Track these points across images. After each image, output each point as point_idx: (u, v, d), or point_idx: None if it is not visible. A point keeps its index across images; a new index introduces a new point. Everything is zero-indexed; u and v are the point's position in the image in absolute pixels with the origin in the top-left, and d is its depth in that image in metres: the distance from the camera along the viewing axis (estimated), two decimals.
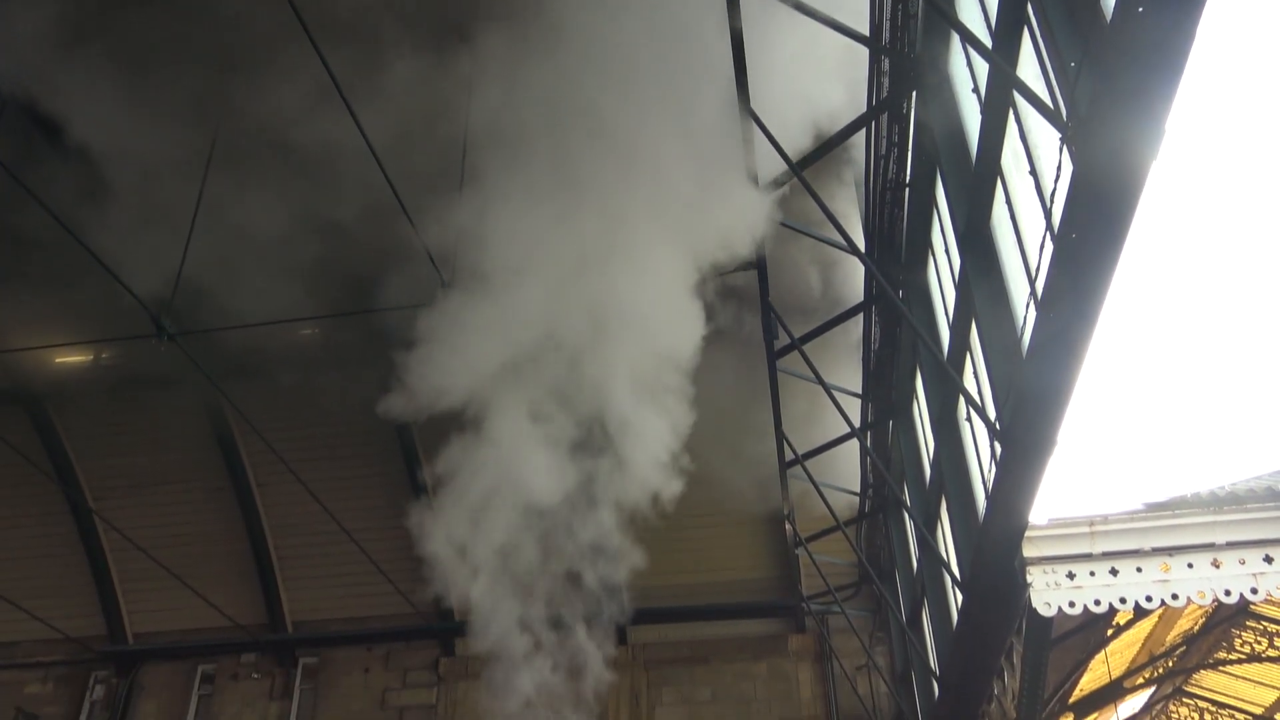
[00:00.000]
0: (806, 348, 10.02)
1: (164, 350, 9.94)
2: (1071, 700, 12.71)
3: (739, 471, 15.03)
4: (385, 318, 12.69)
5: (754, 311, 10.26)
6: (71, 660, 17.09)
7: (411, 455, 15.40)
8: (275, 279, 12.25)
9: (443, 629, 16.16)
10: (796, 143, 8.41)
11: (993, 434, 6.18)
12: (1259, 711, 17.66)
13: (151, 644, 17.05)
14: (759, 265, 9.42)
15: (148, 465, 16.02)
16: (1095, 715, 16.08)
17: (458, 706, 16.06)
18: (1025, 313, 5.70)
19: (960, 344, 7.89)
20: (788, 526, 13.90)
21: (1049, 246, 4.81)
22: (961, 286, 7.29)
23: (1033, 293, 5.30)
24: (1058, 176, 4.62)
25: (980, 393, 7.42)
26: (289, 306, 12.79)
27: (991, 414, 6.48)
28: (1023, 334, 5.94)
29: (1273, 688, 16.66)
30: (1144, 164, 4.09)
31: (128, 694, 16.77)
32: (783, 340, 10.26)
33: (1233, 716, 18.24)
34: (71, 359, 14.92)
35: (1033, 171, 5.38)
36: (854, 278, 11.40)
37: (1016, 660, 8.00)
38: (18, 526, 16.81)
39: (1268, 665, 15.13)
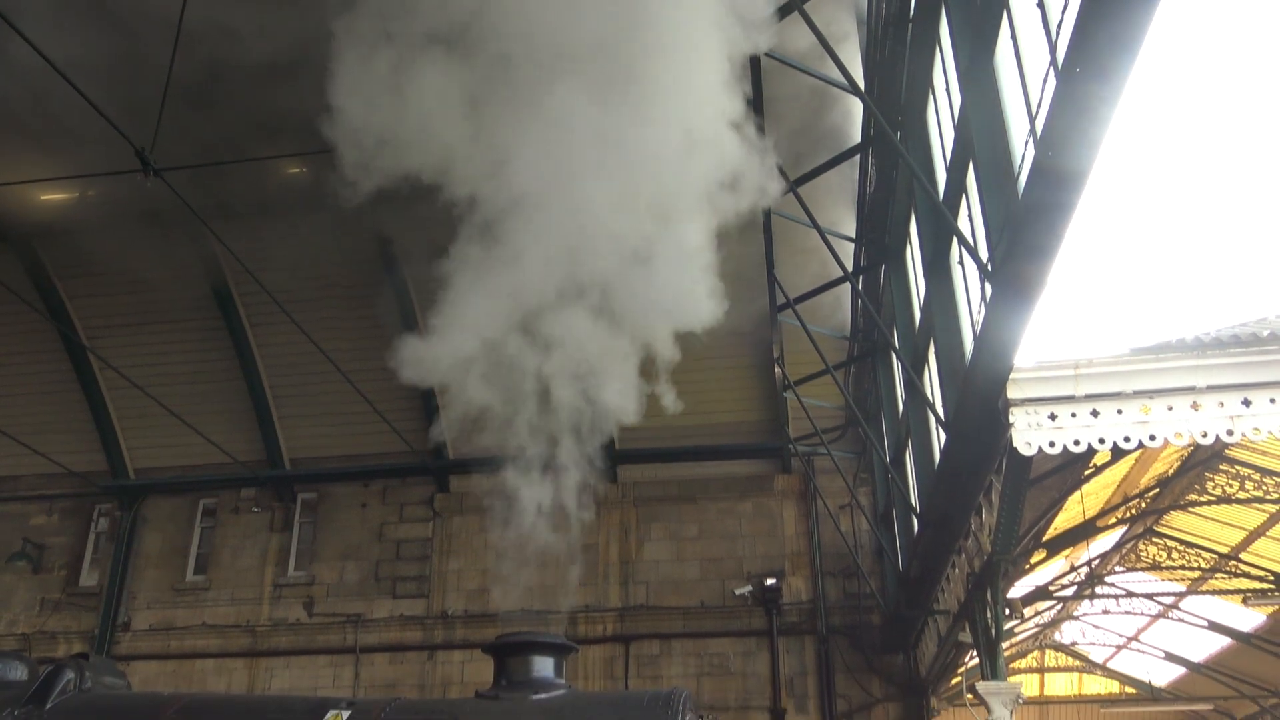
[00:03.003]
0: (801, 190, 9.91)
1: (150, 186, 9.79)
2: (1046, 538, 13.19)
3: (730, 315, 15.12)
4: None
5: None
6: (75, 494, 17.53)
7: (404, 295, 15.41)
8: (262, 115, 12.00)
9: (438, 466, 16.55)
10: None
11: (984, 275, 6.21)
12: (1225, 551, 18.38)
13: (152, 479, 17.46)
14: (754, 101, 9.21)
15: (140, 304, 16.03)
16: (1068, 552, 16.74)
17: (453, 540, 16.61)
18: (1024, 151, 5.64)
19: (956, 186, 7.83)
20: (777, 370, 14.09)
21: (1052, 81, 4.72)
22: (961, 125, 7.18)
23: (1033, 130, 5.24)
24: (1065, 7, 4.50)
25: (974, 235, 7.42)
26: (277, 144, 12.58)
27: (984, 256, 6.49)
28: (1020, 174, 5.90)
29: (1240, 528, 17.29)
30: None
31: (131, 526, 17.28)
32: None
33: (1199, 555, 18.97)
34: (57, 196, 14.70)
35: (1040, 4, 5.22)
36: (852, 119, 11.19)
37: (995, 498, 8.25)
38: (14, 365, 16.96)
39: (1236, 507, 15.67)
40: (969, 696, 9.39)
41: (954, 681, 17.12)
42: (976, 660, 10.15)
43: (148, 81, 9.01)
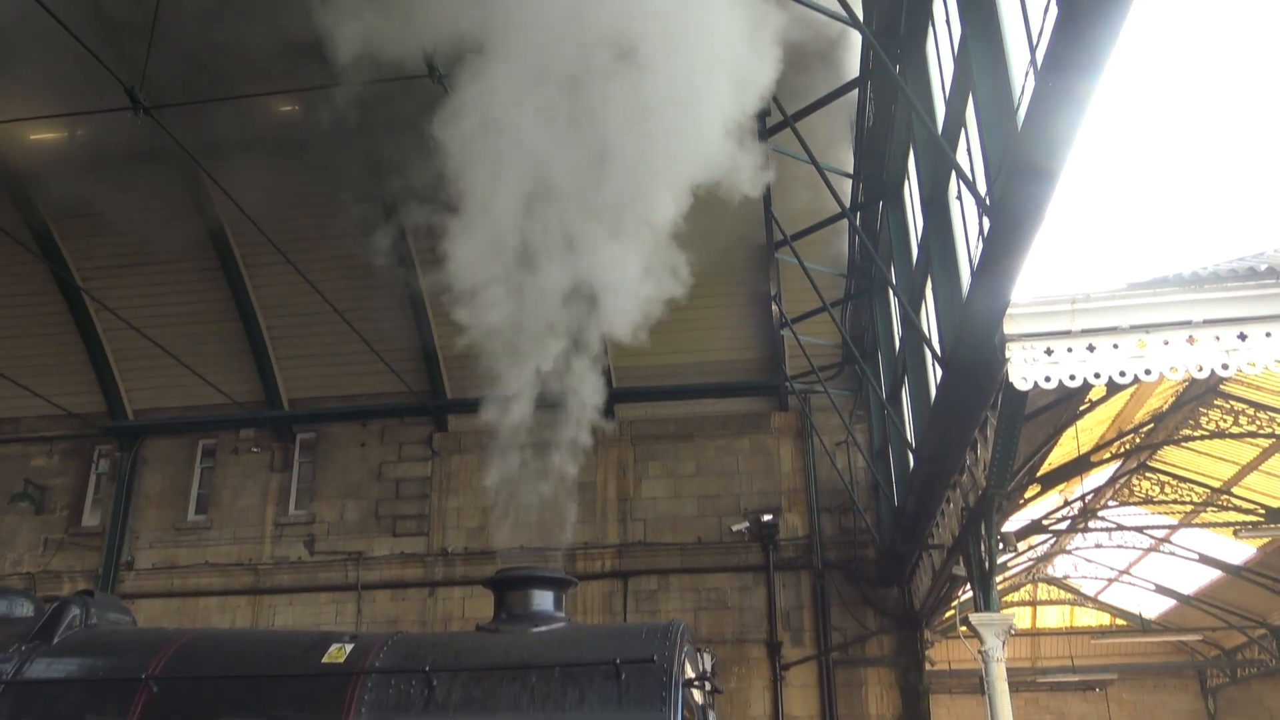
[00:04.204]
0: (799, 124, 9.81)
1: (141, 124, 9.68)
2: (1040, 473, 13.30)
3: (728, 253, 15.08)
4: (368, 93, 12.35)
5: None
6: (75, 435, 17.60)
7: (401, 236, 15.33)
8: (253, 52, 11.83)
9: (436, 406, 16.61)
10: None
11: (982, 208, 6.17)
12: (1217, 485, 18.55)
13: (151, 420, 17.51)
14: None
15: (135, 245, 15.91)
16: (1062, 487, 16.89)
17: (451, 478, 16.73)
18: (1024, 82, 5.58)
19: (955, 119, 7.76)
20: (774, 307, 14.09)
21: (1053, 9, 4.65)
22: (960, 57, 7.09)
23: (1033, 60, 5.17)
24: None
25: (972, 170, 7.37)
26: (269, 81, 12.41)
27: (982, 190, 6.45)
28: (1019, 106, 5.84)
29: (1232, 463, 17.44)
30: None
31: (132, 466, 17.37)
32: (775, 117, 10.05)
33: (1192, 490, 19.16)
34: (48, 135, 14.53)
35: None
36: (850, 53, 11.03)
37: (990, 433, 8.30)
38: (11, 307, 16.90)
39: (1230, 442, 15.78)
40: (962, 629, 9.54)
41: (947, 614, 17.44)
42: (970, 593, 10.30)
43: (137, 20, 8.87)
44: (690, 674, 6.22)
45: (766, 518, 15.52)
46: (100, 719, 6.32)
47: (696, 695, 6.33)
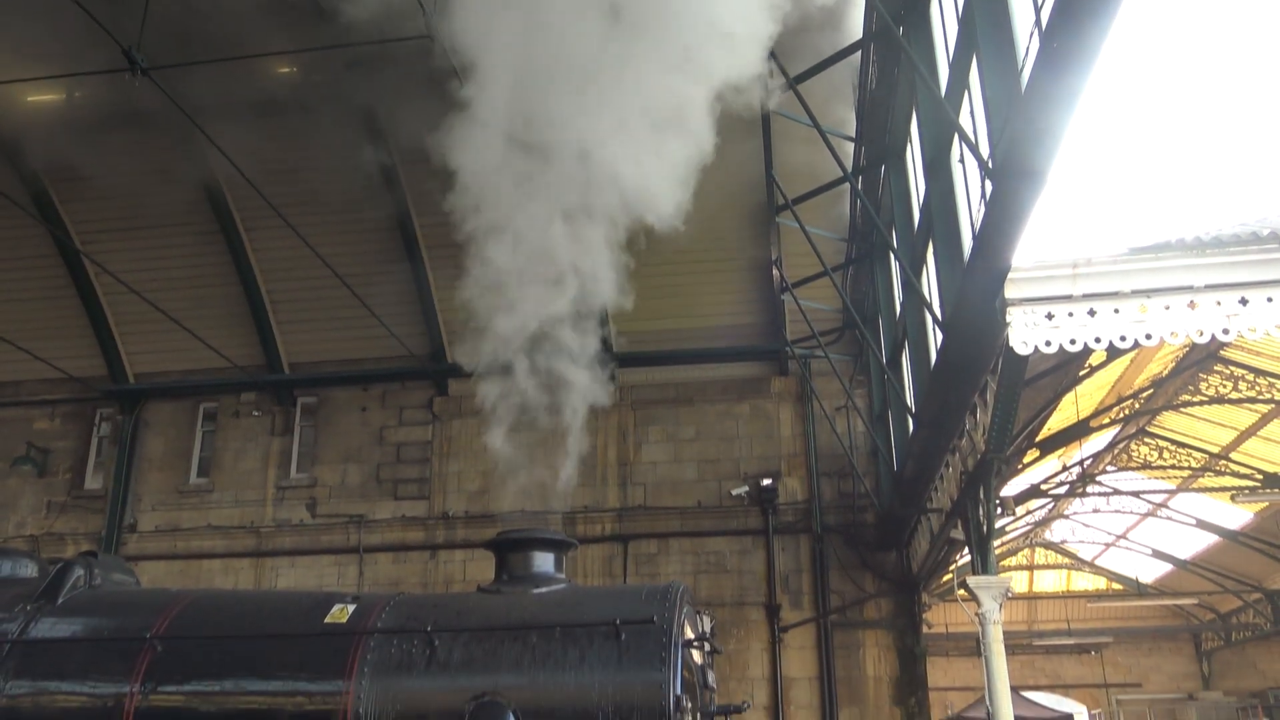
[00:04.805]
0: (801, 88, 9.75)
1: (139, 85, 9.61)
2: (1039, 438, 13.33)
3: (729, 217, 15.03)
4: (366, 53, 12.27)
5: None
6: (76, 398, 17.63)
7: (400, 199, 15.28)
8: (251, 12, 11.72)
9: (436, 370, 16.62)
10: None
11: (985, 171, 6.15)
12: (1215, 451, 18.61)
13: (152, 383, 17.54)
14: None
15: (134, 208, 15.85)
16: (1061, 452, 16.95)
17: (452, 443, 16.78)
18: (1028, 43, 5.53)
19: (959, 82, 7.71)
20: (775, 272, 14.06)
21: None
22: (964, 18, 7.02)
23: (1037, 21, 5.13)
24: None
25: (975, 133, 7.32)
26: (267, 42, 12.30)
27: (985, 152, 6.42)
28: (1023, 67, 5.79)
29: (1231, 428, 17.48)
30: None
31: (133, 430, 17.42)
32: (777, 80, 9.97)
33: (1190, 455, 19.22)
34: (46, 97, 14.43)
35: None
36: (853, 14, 10.94)
37: (990, 398, 8.31)
38: (10, 270, 16.86)
39: (1229, 407, 15.81)
40: (960, 592, 9.60)
41: (945, 578, 17.56)
42: (968, 557, 10.37)
43: None
44: (690, 635, 6.28)
45: (766, 482, 15.58)
46: (105, 678, 6.39)
47: (696, 656, 6.39)
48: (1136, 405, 16.59)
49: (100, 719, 6.27)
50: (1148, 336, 7.10)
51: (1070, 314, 7.10)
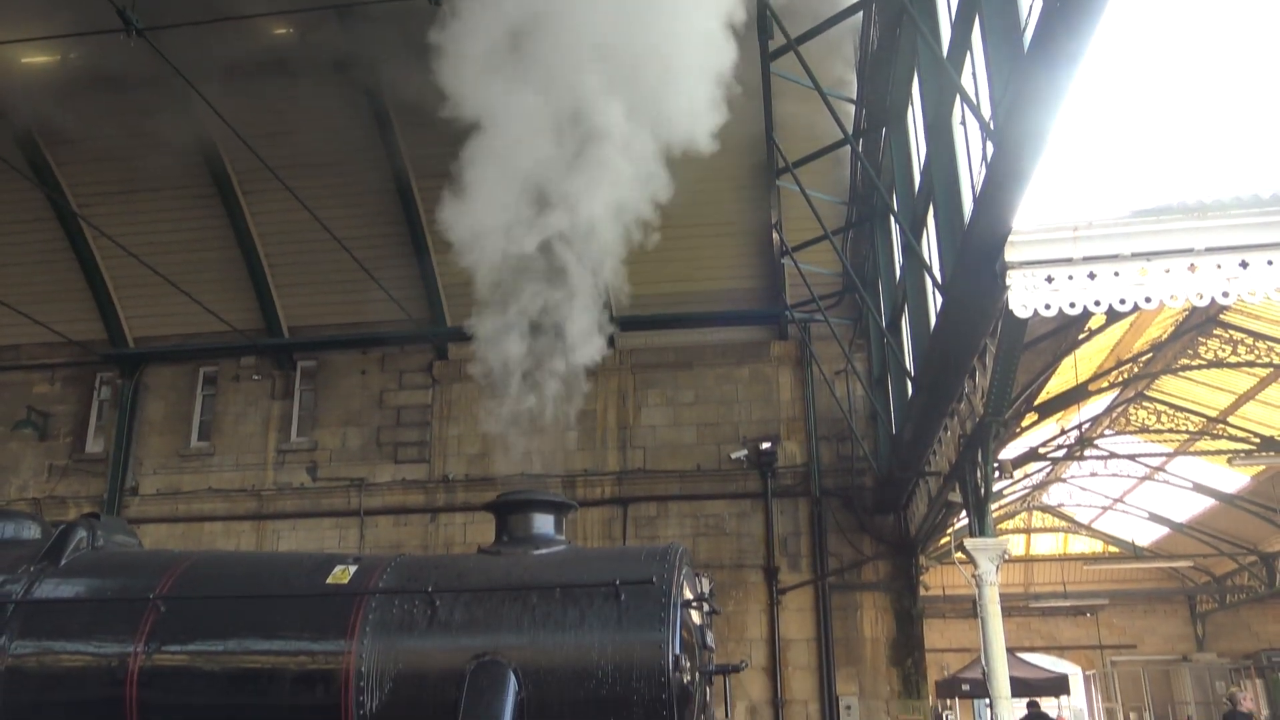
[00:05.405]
0: (802, 49, 9.66)
1: (134, 46, 9.53)
2: (1038, 401, 13.33)
3: (728, 181, 14.96)
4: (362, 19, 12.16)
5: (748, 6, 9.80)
6: (76, 362, 17.65)
7: (399, 162, 15.20)
8: None
9: (435, 333, 16.62)
10: None
11: (986, 133, 6.11)
12: (1213, 414, 18.65)
13: (152, 347, 17.55)
14: None
15: (131, 171, 15.78)
16: (1059, 415, 16.99)
17: (452, 406, 16.82)
18: (1031, 2, 5.48)
19: (961, 42, 7.65)
20: (775, 235, 14.01)
21: None
22: None
23: None
24: None
25: (977, 95, 7.27)
26: (263, 3, 12.17)
27: (987, 114, 6.38)
28: (1026, 27, 5.75)
29: (1229, 392, 17.51)
30: None
31: (133, 393, 17.45)
32: (778, 41, 9.89)
33: (1188, 419, 19.26)
34: (39, 58, 14.30)
35: None
36: None
37: (989, 361, 8.31)
38: (8, 234, 16.81)
39: (1227, 371, 15.82)
40: (958, 554, 9.66)
41: (943, 541, 17.65)
42: (965, 520, 10.42)
43: None
44: (688, 596, 6.33)
45: (765, 445, 15.64)
46: (109, 637, 6.44)
47: (695, 616, 6.44)
48: (1135, 369, 16.60)
49: (104, 678, 6.33)
50: (1147, 299, 7.08)
51: (1070, 277, 7.08)
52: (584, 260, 7.72)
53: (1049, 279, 7.09)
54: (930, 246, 9.57)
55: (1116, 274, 7.09)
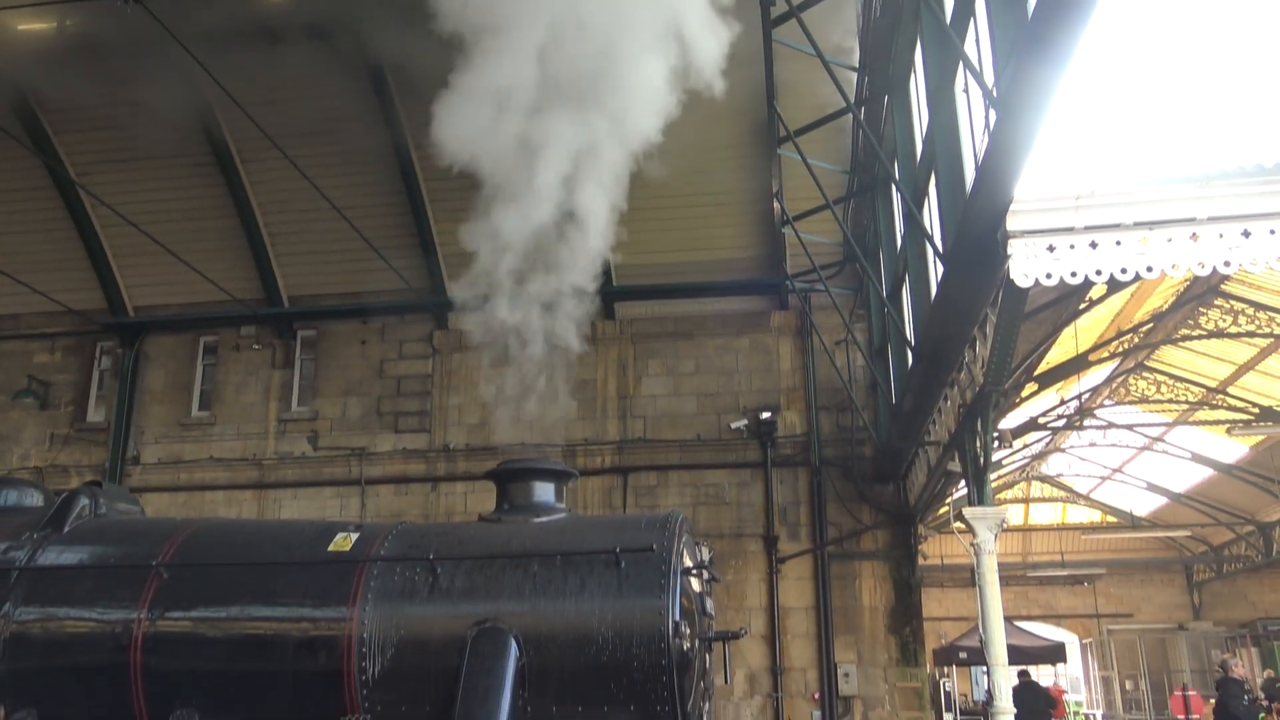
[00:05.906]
0: (804, 16, 9.58)
1: (131, 13, 9.47)
2: (1038, 371, 13.36)
3: (728, 149, 14.89)
4: None
5: None
6: (76, 331, 17.65)
7: (399, 131, 15.12)
8: None
9: (435, 303, 16.60)
10: None
11: (989, 100, 6.07)
12: (1213, 385, 18.67)
13: (152, 316, 17.54)
14: None
15: (129, 139, 15.68)
16: (1059, 385, 17.00)
17: (452, 376, 16.84)
18: None
19: (964, 9, 7.58)
20: (776, 204, 13.96)
21: None
22: None
23: None
24: None
25: (980, 62, 7.22)
26: None
27: (990, 82, 6.33)
28: None
29: (1229, 363, 17.52)
30: None
31: (134, 363, 17.46)
32: (780, 7, 9.81)
33: (1188, 389, 19.28)
34: (37, 25, 14.19)
35: None
36: None
37: (989, 331, 8.30)
38: (6, 202, 16.75)
39: (1228, 341, 15.81)
40: (956, 524, 9.69)
41: (941, 510, 17.72)
42: (964, 490, 10.45)
43: None
44: (688, 563, 6.36)
45: (765, 415, 15.66)
46: (113, 604, 6.49)
47: (694, 584, 6.48)
48: (1135, 339, 16.60)
49: (109, 644, 6.38)
50: (1149, 269, 7.06)
51: (1071, 246, 7.05)
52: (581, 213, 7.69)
53: (1050, 248, 7.06)
54: (932, 215, 9.54)
55: (1118, 243, 7.06)
